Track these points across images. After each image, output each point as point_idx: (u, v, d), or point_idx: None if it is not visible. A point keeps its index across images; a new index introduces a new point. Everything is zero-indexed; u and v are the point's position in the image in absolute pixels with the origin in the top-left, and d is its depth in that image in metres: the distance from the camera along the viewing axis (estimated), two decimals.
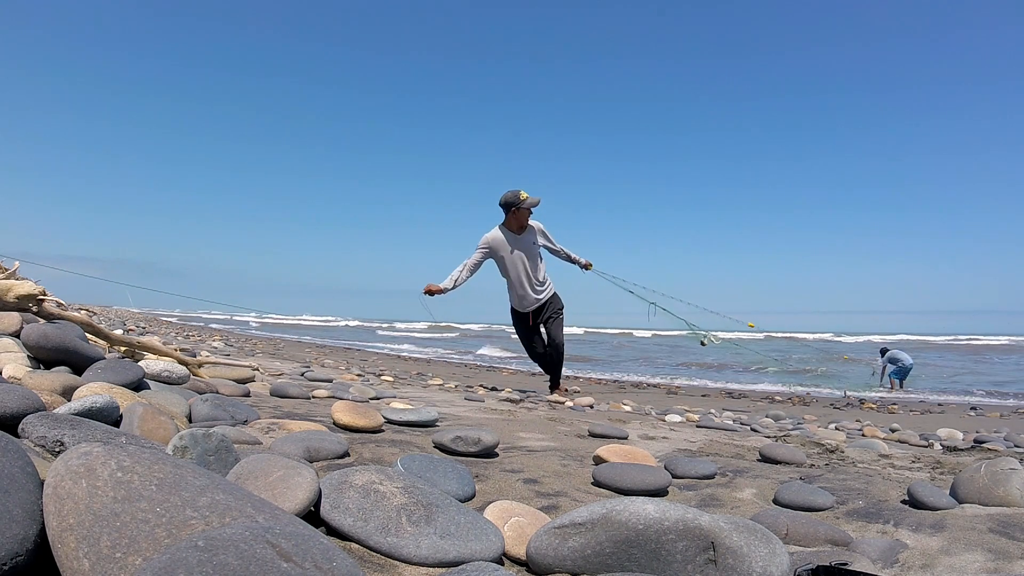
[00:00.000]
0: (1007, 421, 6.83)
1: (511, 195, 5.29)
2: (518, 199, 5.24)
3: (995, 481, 1.49)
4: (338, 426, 1.94)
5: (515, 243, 5.36)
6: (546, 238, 5.52)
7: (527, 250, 5.39)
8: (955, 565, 1.12)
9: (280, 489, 0.99)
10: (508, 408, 3.35)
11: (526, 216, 5.32)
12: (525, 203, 5.25)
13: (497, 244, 5.37)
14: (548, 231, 5.56)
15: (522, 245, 5.37)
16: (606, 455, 1.84)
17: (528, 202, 5.26)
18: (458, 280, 5.36)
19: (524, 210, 5.29)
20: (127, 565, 0.66)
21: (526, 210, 5.30)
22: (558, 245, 5.63)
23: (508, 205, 5.29)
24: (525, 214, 5.31)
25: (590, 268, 5.80)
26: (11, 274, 2.37)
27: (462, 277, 5.38)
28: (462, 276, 5.38)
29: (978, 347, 28.34)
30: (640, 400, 6.51)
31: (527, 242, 5.37)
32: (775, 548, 0.95)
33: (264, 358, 6.78)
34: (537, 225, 5.44)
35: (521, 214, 5.29)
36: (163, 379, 2.14)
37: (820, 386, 12.05)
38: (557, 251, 5.64)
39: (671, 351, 20.42)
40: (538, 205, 5.32)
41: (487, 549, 1.02)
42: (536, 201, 5.30)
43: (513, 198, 5.26)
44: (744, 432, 3.47)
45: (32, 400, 1.21)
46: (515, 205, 5.25)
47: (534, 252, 5.42)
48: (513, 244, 5.35)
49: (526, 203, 5.25)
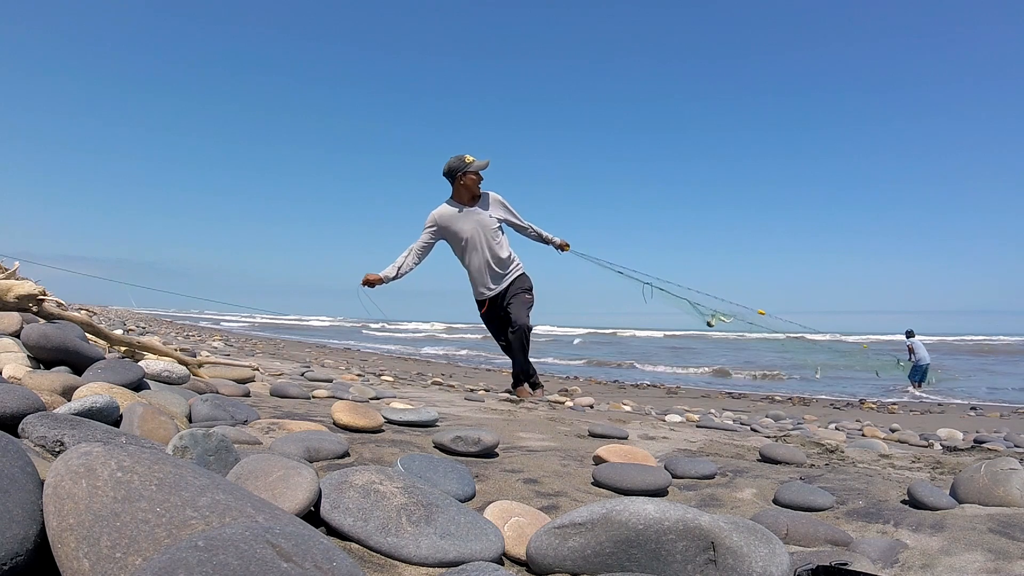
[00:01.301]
0: (1007, 421, 6.84)
1: (455, 160, 4.51)
2: (463, 163, 4.47)
3: (995, 481, 1.49)
4: (338, 426, 1.94)
5: (468, 217, 4.54)
6: (507, 211, 4.70)
7: (483, 224, 4.55)
8: (955, 565, 1.12)
9: (280, 489, 0.99)
10: (508, 408, 3.35)
11: (476, 183, 4.52)
12: (472, 166, 4.47)
13: (446, 220, 4.54)
14: (510, 204, 4.74)
15: (476, 219, 4.55)
16: (606, 455, 1.84)
17: (475, 165, 4.48)
18: (402, 268, 4.55)
19: (472, 175, 4.49)
20: (127, 565, 0.66)
21: (474, 175, 4.50)
22: (524, 221, 4.79)
23: (453, 172, 4.51)
24: (474, 180, 4.50)
25: (567, 249, 4.96)
26: (11, 274, 2.37)
27: (407, 264, 4.57)
28: (407, 263, 4.57)
29: (994, 348, 27.90)
30: (640, 400, 6.51)
31: (481, 215, 4.56)
32: (775, 548, 0.95)
33: (264, 358, 6.78)
34: (493, 195, 4.64)
35: (469, 181, 4.49)
36: (163, 379, 2.14)
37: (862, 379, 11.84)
38: (524, 227, 4.80)
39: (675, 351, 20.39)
40: (487, 168, 4.56)
41: (487, 549, 1.02)
42: (485, 164, 4.54)
43: (457, 163, 4.49)
44: (744, 432, 3.47)
45: (32, 400, 1.21)
46: (461, 171, 4.47)
47: (491, 226, 4.58)
48: (465, 219, 4.54)
49: (473, 166, 4.47)
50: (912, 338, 13.16)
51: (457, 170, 4.47)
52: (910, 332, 13.44)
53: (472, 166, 4.46)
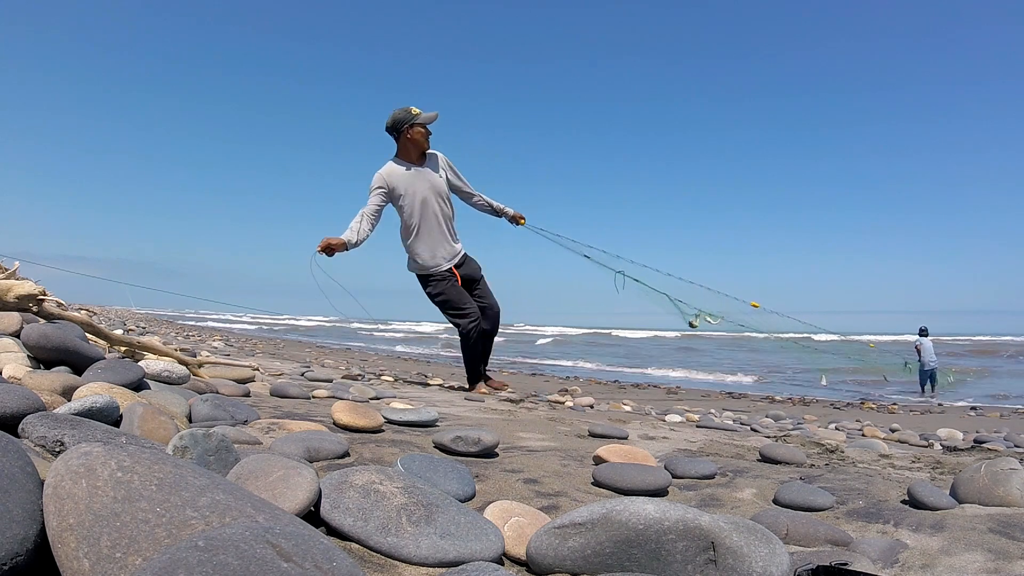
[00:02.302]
0: (1007, 421, 6.84)
1: (400, 112, 4.08)
2: (410, 115, 4.05)
3: (995, 481, 1.49)
4: (338, 426, 1.94)
5: (419, 177, 4.11)
6: (456, 175, 4.29)
7: (436, 187, 4.15)
8: (955, 565, 1.12)
9: (280, 489, 0.99)
10: (508, 408, 3.35)
11: (424, 137, 4.10)
12: (419, 119, 4.06)
13: (395, 180, 4.08)
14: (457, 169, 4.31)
15: (428, 179, 4.14)
16: (606, 455, 1.84)
17: (423, 117, 4.07)
18: (359, 234, 4.06)
19: (420, 128, 4.07)
20: (127, 565, 0.66)
21: (422, 128, 4.08)
22: (474, 189, 4.36)
23: (398, 125, 4.06)
24: (422, 134, 4.08)
25: (522, 222, 4.49)
26: (11, 274, 2.37)
27: (363, 230, 4.08)
28: (363, 229, 4.08)
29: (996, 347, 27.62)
30: (640, 400, 6.51)
31: (433, 176, 4.16)
32: (775, 548, 0.95)
33: (264, 358, 6.78)
34: (441, 156, 4.25)
35: (417, 134, 4.06)
36: (163, 379, 2.14)
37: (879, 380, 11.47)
38: (472, 195, 4.36)
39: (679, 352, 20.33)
40: (435, 121, 4.15)
41: (487, 549, 1.02)
42: (433, 116, 4.12)
43: (403, 115, 4.06)
44: (744, 432, 3.47)
45: (32, 400, 1.21)
46: (407, 123, 4.04)
47: (444, 190, 4.21)
48: (417, 179, 4.11)
49: (420, 118, 4.06)
50: (923, 337, 12.09)
51: (403, 122, 4.05)
52: (923, 330, 12.34)
53: (420, 118, 4.05)
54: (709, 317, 5.14)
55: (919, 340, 12.12)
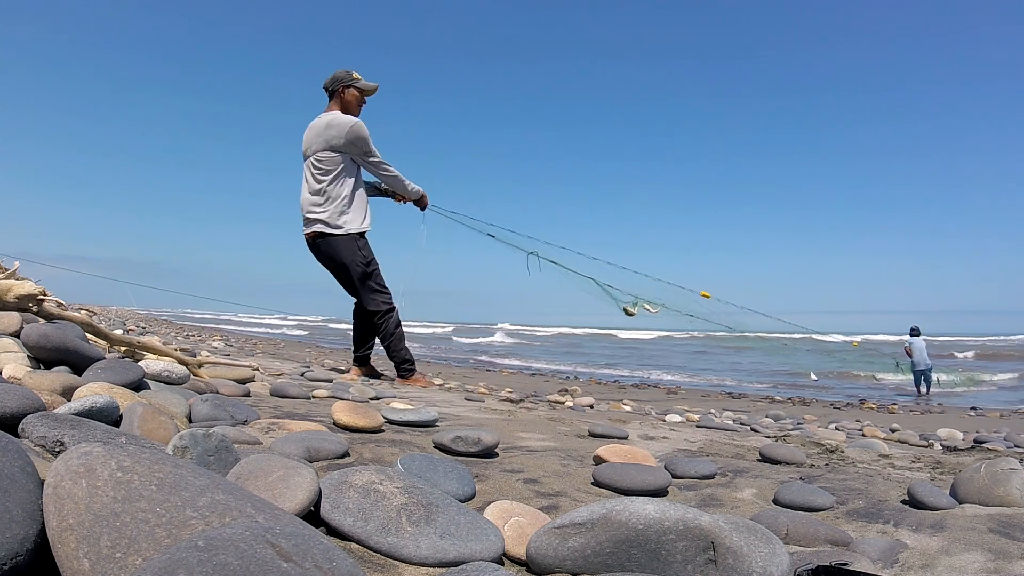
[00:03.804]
0: (1007, 421, 6.84)
1: (341, 72, 4.12)
2: (350, 76, 4.11)
3: (995, 481, 1.49)
4: (338, 426, 1.94)
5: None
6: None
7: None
8: (955, 565, 1.12)
9: (280, 489, 0.99)
10: (508, 408, 3.35)
11: (357, 102, 4.15)
12: (358, 83, 4.12)
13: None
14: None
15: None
16: (606, 455, 1.84)
17: (362, 84, 4.13)
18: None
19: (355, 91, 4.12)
20: (127, 565, 0.66)
21: (356, 92, 4.12)
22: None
23: (336, 82, 4.10)
24: (356, 97, 4.13)
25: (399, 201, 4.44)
26: (11, 274, 2.37)
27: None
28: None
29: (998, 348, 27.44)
30: (640, 400, 6.51)
31: None
32: (775, 548, 0.95)
33: (264, 358, 6.78)
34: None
35: (351, 96, 4.11)
36: (163, 379, 2.14)
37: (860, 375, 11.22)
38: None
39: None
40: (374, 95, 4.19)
41: (487, 549, 1.02)
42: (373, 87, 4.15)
43: (344, 74, 4.11)
44: (744, 432, 3.47)
45: (32, 400, 1.21)
46: (346, 83, 4.09)
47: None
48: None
49: (359, 83, 4.12)
50: (914, 337, 11.73)
51: (342, 81, 4.09)
52: (914, 330, 11.96)
53: (359, 83, 4.11)
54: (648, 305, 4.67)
55: (909, 340, 11.77)
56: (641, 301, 4.51)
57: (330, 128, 3.99)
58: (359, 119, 4.05)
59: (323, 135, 4.00)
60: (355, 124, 3.99)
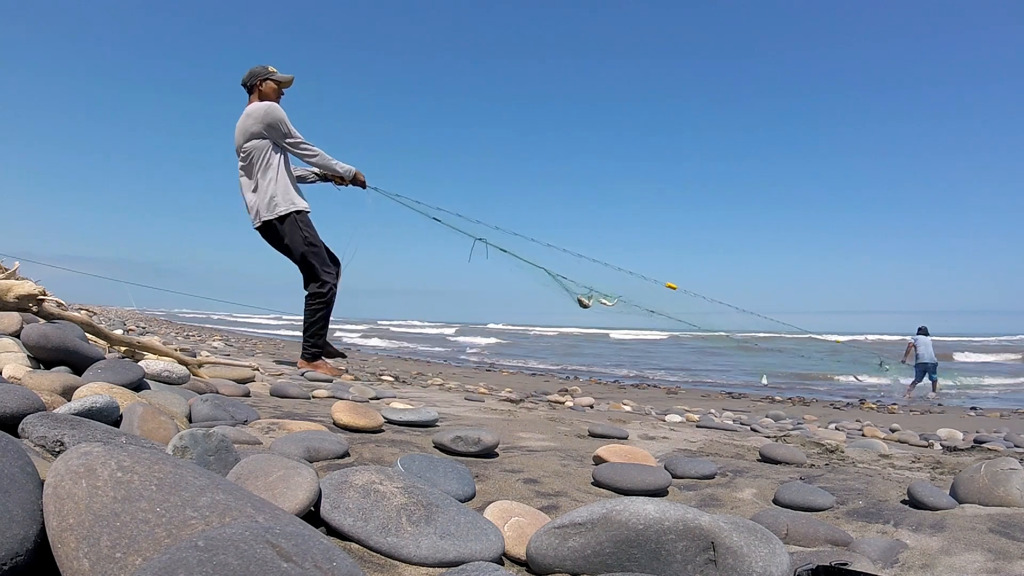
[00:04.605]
0: (1007, 421, 6.84)
1: (258, 67, 4.21)
2: (267, 70, 4.19)
3: (995, 481, 1.49)
4: (338, 426, 1.94)
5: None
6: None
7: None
8: (955, 565, 1.12)
9: (280, 489, 0.99)
10: (508, 408, 3.35)
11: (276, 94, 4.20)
12: (274, 76, 4.19)
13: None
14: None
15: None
16: (606, 455, 1.84)
17: (278, 76, 4.20)
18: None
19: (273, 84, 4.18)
20: (127, 565, 0.66)
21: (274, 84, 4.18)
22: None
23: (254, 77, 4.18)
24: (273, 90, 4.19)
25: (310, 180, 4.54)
26: (11, 274, 2.37)
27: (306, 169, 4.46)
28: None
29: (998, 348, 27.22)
30: (640, 400, 6.51)
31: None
32: (775, 548, 0.95)
33: (264, 358, 6.78)
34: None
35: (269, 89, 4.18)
36: (163, 379, 2.14)
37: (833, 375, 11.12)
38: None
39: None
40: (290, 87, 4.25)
41: (487, 549, 1.02)
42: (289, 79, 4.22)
43: (260, 69, 4.19)
44: (744, 432, 3.47)
45: (32, 400, 1.21)
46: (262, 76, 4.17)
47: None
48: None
49: (275, 76, 4.19)
50: (921, 335, 11.83)
51: (258, 76, 4.17)
52: (922, 329, 12.01)
53: (275, 76, 4.18)
54: (604, 299, 4.35)
55: (915, 338, 11.96)
56: (596, 294, 4.16)
57: (248, 118, 4.08)
58: (274, 103, 4.12)
59: (242, 127, 4.10)
60: (269, 107, 4.07)
